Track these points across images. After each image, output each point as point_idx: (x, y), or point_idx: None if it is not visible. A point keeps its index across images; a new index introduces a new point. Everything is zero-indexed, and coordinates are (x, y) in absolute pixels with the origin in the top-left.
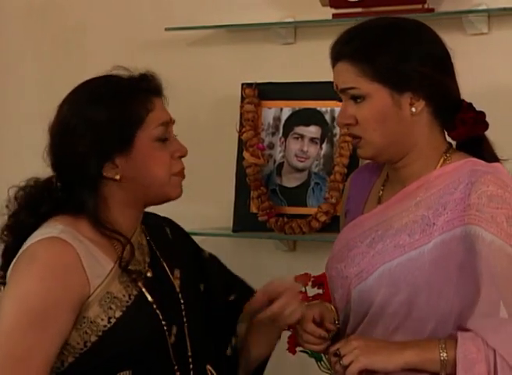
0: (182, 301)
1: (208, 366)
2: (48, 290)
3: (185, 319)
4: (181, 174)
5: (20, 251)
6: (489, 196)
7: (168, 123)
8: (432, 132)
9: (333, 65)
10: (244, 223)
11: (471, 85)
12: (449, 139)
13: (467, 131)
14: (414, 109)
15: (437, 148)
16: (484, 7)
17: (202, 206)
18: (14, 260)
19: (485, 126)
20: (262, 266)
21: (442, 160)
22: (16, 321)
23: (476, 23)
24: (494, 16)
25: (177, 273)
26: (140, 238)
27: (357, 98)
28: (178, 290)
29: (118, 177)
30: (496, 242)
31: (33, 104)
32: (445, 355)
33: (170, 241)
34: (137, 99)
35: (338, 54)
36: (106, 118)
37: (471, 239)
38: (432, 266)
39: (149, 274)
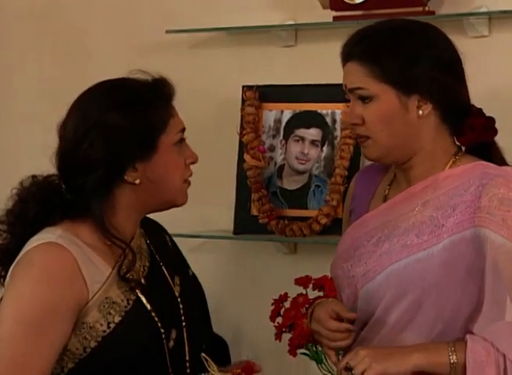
0: (181, 306)
1: (203, 354)
2: (46, 295)
3: (184, 324)
4: (189, 182)
5: (19, 256)
6: (500, 199)
7: (184, 129)
8: (439, 135)
9: (343, 65)
10: (245, 225)
11: (472, 87)
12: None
13: (475, 137)
14: (420, 112)
15: (446, 151)
16: (484, 9)
17: (203, 209)
18: (12, 265)
19: (494, 132)
20: (263, 268)
21: (451, 162)
22: (15, 327)
23: (477, 26)
24: (495, 18)
25: (177, 279)
26: (139, 242)
27: (364, 99)
28: (177, 294)
29: (138, 182)
30: (506, 245)
31: (34, 106)
32: (454, 358)
33: (169, 247)
34: (160, 104)
35: (347, 54)
36: (131, 124)
37: (481, 241)
38: (441, 267)
39: (143, 281)
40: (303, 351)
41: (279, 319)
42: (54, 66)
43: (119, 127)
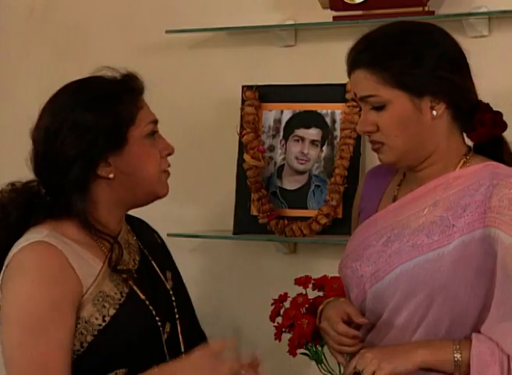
0: (173, 299)
1: None
2: (46, 292)
3: (177, 316)
4: (168, 172)
5: (7, 259)
6: (510, 199)
7: (156, 121)
8: (451, 135)
9: (349, 72)
10: (245, 225)
11: None
12: (468, 141)
13: (486, 132)
14: (435, 113)
15: (456, 151)
16: (484, 9)
17: (202, 209)
18: (3, 270)
19: (504, 126)
20: (263, 268)
21: (461, 162)
22: (24, 330)
23: (476, 26)
24: (494, 18)
25: (169, 274)
26: (127, 237)
27: (377, 105)
28: (169, 288)
29: (112, 176)
30: None
31: (34, 105)
32: (459, 356)
33: (159, 244)
34: (127, 98)
35: (354, 62)
36: (98, 120)
37: (490, 241)
38: (452, 267)
39: (135, 275)
40: (303, 351)
41: (279, 319)
42: (53, 66)
43: (86, 124)
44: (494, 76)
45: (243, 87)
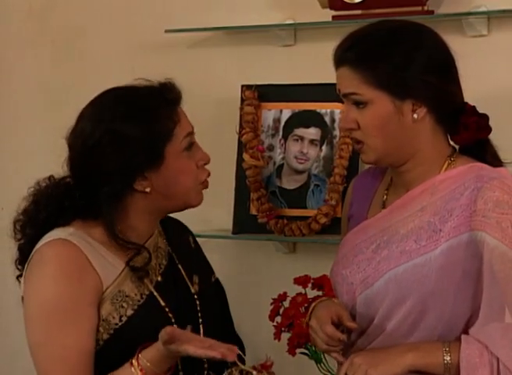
0: (198, 303)
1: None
2: (65, 289)
3: (201, 321)
4: (206, 183)
5: (32, 253)
6: (495, 201)
7: (192, 132)
8: (435, 137)
9: (336, 68)
10: (244, 225)
11: (470, 87)
12: (452, 143)
13: (469, 136)
14: (416, 116)
15: (441, 153)
16: (484, 9)
17: (202, 208)
18: (26, 265)
19: (488, 130)
20: (262, 268)
21: (446, 164)
22: (45, 325)
23: (476, 25)
24: (494, 17)
25: (196, 278)
26: (157, 240)
27: (359, 104)
28: (193, 292)
29: (148, 190)
30: (499, 248)
31: (33, 106)
32: (448, 358)
33: (192, 248)
34: (165, 113)
35: (340, 59)
36: (137, 134)
37: (477, 245)
38: (439, 272)
39: (159, 278)
40: (302, 350)
41: (278, 319)
42: (53, 66)
43: (126, 137)
44: (493, 75)
45: (242, 86)
